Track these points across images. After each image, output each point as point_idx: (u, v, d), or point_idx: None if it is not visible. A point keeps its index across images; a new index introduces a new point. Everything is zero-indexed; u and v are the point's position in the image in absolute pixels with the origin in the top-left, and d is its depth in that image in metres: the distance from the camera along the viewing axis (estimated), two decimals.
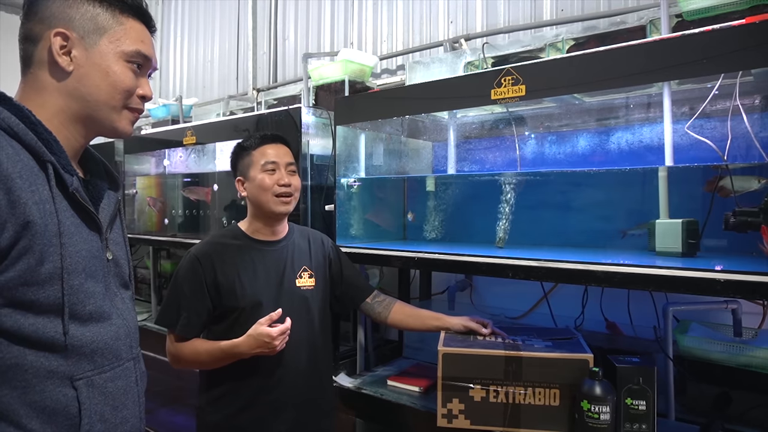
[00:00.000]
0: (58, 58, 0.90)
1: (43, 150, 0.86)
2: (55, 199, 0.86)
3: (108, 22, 0.93)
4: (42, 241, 0.83)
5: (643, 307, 1.81)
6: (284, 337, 1.48)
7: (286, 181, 1.61)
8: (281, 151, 1.65)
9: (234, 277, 1.57)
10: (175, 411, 2.82)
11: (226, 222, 2.61)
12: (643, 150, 1.80)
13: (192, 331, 1.56)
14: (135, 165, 3.23)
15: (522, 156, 2.05)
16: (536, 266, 1.50)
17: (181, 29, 4.43)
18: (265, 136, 1.68)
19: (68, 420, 0.86)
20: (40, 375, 0.84)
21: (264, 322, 1.46)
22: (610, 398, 1.37)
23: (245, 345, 1.47)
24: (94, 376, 0.90)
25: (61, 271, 0.85)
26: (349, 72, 2.35)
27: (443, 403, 1.53)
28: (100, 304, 0.92)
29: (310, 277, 1.69)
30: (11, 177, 0.81)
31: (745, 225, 1.36)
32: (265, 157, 1.62)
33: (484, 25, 2.60)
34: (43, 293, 0.84)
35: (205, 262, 1.58)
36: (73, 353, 0.87)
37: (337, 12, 3.28)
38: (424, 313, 1.78)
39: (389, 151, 2.33)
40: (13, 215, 0.80)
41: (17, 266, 0.81)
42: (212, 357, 1.53)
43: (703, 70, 1.31)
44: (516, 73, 1.55)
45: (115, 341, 0.95)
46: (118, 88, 0.94)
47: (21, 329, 0.83)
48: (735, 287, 1.20)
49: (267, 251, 1.65)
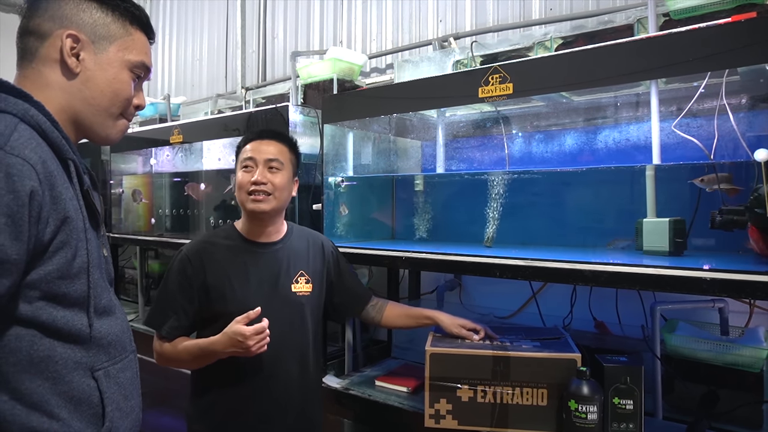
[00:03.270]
0: (68, 59, 0.92)
1: (67, 148, 0.89)
2: (77, 196, 0.90)
3: (119, 30, 0.97)
4: (75, 236, 0.87)
5: (632, 306, 1.82)
6: (261, 338, 1.39)
7: (257, 178, 1.52)
8: (263, 148, 1.56)
9: (224, 279, 1.52)
10: (161, 413, 2.79)
11: (213, 222, 2.59)
12: (631, 149, 1.80)
13: (178, 333, 1.52)
14: (122, 164, 3.20)
15: (510, 155, 2.05)
16: (523, 265, 1.49)
17: (170, 27, 4.40)
18: (254, 132, 1.62)
19: (92, 409, 0.90)
20: (68, 366, 0.88)
21: (240, 321, 1.38)
22: (598, 398, 1.36)
23: (220, 343, 1.41)
24: (109, 367, 0.94)
25: (88, 265, 0.89)
26: (338, 70, 2.34)
27: (431, 404, 1.52)
28: (109, 298, 0.97)
29: (306, 283, 1.61)
30: (53, 174, 0.84)
31: (731, 223, 1.36)
32: (244, 154, 1.57)
33: (473, 24, 2.60)
34: (73, 286, 0.88)
35: (195, 261, 1.53)
36: (94, 345, 0.92)
37: (326, 10, 3.26)
38: (415, 310, 1.75)
39: (377, 150, 2.32)
40: (55, 210, 0.84)
41: (55, 260, 0.85)
42: (191, 355, 1.48)
43: (689, 68, 1.31)
44: (503, 71, 1.55)
45: (122, 333, 0.99)
46: (120, 96, 0.98)
47: (54, 322, 0.86)
48: (721, 286, 1.20)
49: (261, 253, 1.58)
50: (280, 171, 1.57)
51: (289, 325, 1.55)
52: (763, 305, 1.73)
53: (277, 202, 1.56)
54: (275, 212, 1.58)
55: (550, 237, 1.95)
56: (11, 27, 0.96)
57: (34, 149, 0.82)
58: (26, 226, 0.79)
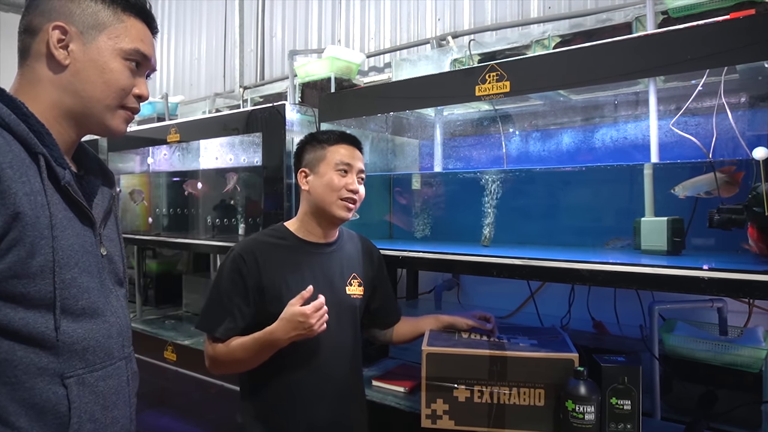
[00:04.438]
0: (55, 51, 0.89)
1: (35, 142, 0.85)
2: (46, 192, 0.85)
3: (109, 18, 0.93)
4: (32, 233, 0.82)
5: (630, 306, 1.81)
6: (321, 314, 1.34)
7: (355, 187, 1.51)
8: (356, 155, 1.55)
9: (280, 281, 1.46)
10: (160, 413, 2.78)
11: (211, 222, 2.58)
12: (629, 148, 1.80)
13: (232, 334, 1.45)
14: (119, 163, 3.19)
15: (508, 154, 2.04)
16: (521, 265, 1.48)
17: (168, 26, 4.38)
18: (344, 135, 1.58)
19: (57, 419, 0.85)
20: (30, 372, 0.83)
21: (295, 303, 1.34)
22: (595, 398, 1.35)
23: (280, 330, 1.34)
24: (85, 375, 0.88)
25: (53, 264, 0.84)
26: (336, 69, 2.32)
27: (427, 404, 1.51)
28: (94, 300, 0.91)
29: (359, 286, 1.60)
30: (1, 167, 0.79)
31: (729, 222, 1.35)
32: (340, 157, 1.52)
33: (471, 23, 2.59)
34: (34, 287, 0.82)
35: (249, 261, 1.46)
36: (65, 350, 0.86)
37: (324, 9, 3.25)
38: (421, 321, 1.74)
39: (374, 148, 2.31)
40: (3, 206, 0.79)
41: (7, 258, 0.80)
42: (247, 351, 1.41)
43: (688, 66, 1.30)
44: (500, 69, 1.54)
45: (108, 339, 0.93)
46: (113, 86, 0.94)
47: (11, 323, 0.81)
48: (720, 285, 1.19)
49: (317, 254, 1.54)
50: (363, 182, 1.58)
51: (343, 327, 1.53)
52: (762, 305, 1.73)
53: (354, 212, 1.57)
54: None
55: (547, 236, 1.94)
56: (11, 27, 0.95)
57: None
58: None
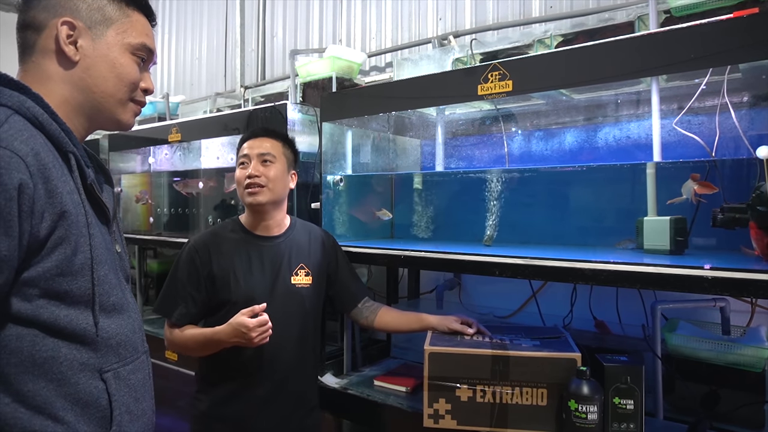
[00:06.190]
0: (65, 47, 0.89)
1: (66, 140, 0.86)
2: (79, 190, 0.87)
3: (115, 13, 0.94)
4: (76, 231, 0.84)
5: (632, 305, 1.80)
6: (263, 330, 1.46)
7: (251, 172, 1.61)
8: (257, 144, 1.65)
9: (229, 270, 1.60)
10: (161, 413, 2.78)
11: (212, 221, 2.57)
12: (632, 147, 1.79)
13: (187, 319, 1.60)
14: (120, 163, 3.18)
15: (510, 153, 2.03)
16: (523, 264, 1.48)
17: (169, 26, 4.38)
18: (249, 132, 1.71)
19: (100, 412, 0.87)
20: (73, 368, 0.85)
21: (246, 313, 1.46)
22: (598, 397, 1.35)
23: (224, 333, 1.49)
24: (119, 369, 0.91)
25: (91, 261, 0.86)
26: (337, 69, 2.32)
27: (430, 403, 1.51)
28: (120, 296, 0.94)
29: (306, 275, 1.69)
30: (48, 166, 0.81)
31: (732, 221, 1.34)
32: (240, 152, 1.67)
33: (472, 22, 2.58)
34: (76, 284, 0.84)
35: (202, 252, 1.61)
36: (102, 345, 0.89)
37: (325, 9, 3.25)
38: (407, 315, 1.81)
39: (376, 148, 2.30)
40: (51, 204, 0.81)
41: (54, 256, 0.82)
42: (197, 343, 1.56)
43: (691, 65, 1.29)
44: (503, 69, 1.53)
45: (133, 334, 0.96)
46: (124, 80, 0.95)
47: (57, 321, 0.83)
48: (722, 285, 1.19)
49: (264, 246, 1.66)
50: (273, 164, 1.65)
51: (289, 315, 1.63)
52: (765, 304, 1.72)
53: (272, 194, 1.63)
54: (272, 204, 1.65)
55: (550, 236, 1.93)
56: (11, 26, 0.94)
57: (26, 141, 0.79)
58: (16, 220, 0.77)
